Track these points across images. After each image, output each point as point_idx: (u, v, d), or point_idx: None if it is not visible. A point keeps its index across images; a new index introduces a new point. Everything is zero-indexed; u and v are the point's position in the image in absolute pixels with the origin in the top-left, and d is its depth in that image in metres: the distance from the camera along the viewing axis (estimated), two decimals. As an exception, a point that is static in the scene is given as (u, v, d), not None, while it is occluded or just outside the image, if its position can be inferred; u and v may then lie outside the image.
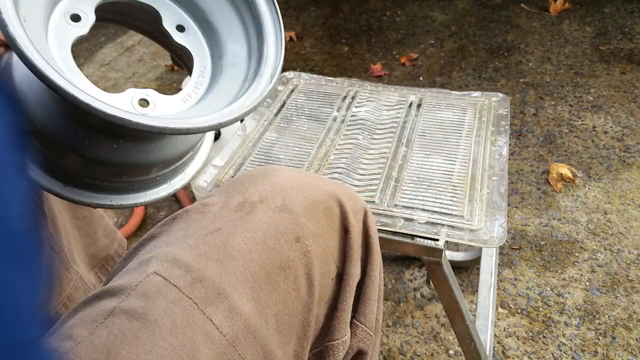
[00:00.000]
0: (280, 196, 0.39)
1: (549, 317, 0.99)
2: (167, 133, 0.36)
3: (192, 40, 0.51)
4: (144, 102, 0.45)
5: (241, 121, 1.10)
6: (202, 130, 0.38)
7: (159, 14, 0.50)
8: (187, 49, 0.51)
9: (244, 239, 0.35)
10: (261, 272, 0.35)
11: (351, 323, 0.43)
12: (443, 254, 0.62)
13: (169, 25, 0.50)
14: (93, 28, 0.47)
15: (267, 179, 0.41)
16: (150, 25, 0.53)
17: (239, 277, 0.34)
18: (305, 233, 0.38)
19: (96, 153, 0.43)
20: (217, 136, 1.11)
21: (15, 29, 0.33)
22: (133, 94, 0.44)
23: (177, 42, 0.50)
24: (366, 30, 2.22)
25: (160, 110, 0.45)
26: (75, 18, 0.45)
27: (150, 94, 0.45)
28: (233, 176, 0.75)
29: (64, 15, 0.44)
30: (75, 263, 0.74)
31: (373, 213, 0.66)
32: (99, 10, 0.47)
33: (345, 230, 0.42)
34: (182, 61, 0.55)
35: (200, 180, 0.74)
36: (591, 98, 1.61)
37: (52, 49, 0.41)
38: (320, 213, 0.40)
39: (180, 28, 0.51)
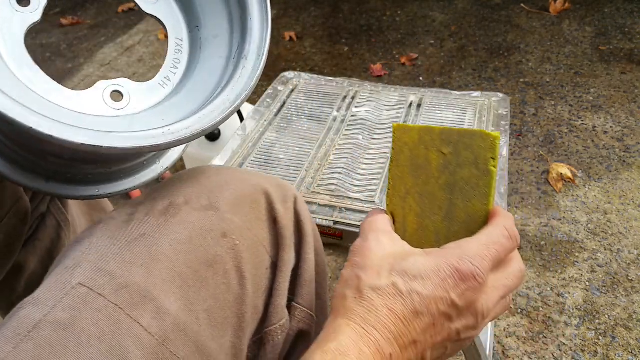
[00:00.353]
0: (205, 195, 0.39)
1: (549, 317, 0.99)
2: (140, 152, 0.33)
3: (163, 7, 0.45)
4: (118, 95, 0.40)
5: (241, 120, 1.10)
6: (184, 141, 0.35)
7: None
8: (158, 18, 0.45)
9: (169, 241, 0.35)
10: (188, 271, 0.35)
11: (290, 307, 0.44)
12: (443, 254, 0.62)
13: None
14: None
15: (192, 180, 0.41)
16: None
17: (165, 278, 0.34)
18: (231, 228, 0.38)
19: (76, 155, 0.40)
20: (216, 136, 1.11)
21: None
22: (105, 87, 0.40)
23: (146, 12, 0.45)
24: (366, 30, 2.22)
25: (137, 103, 0.41)
26: (23, 1, 0.39)
27: (124, 84, 0.41)
28: (233, 176, 0.75)
29: (9, 0, 0.38)
30: None
31: (373, 213, 0.66)
32: None
33: (274, 220, 0.42)
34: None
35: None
36: (591, 98, 1.61)
37: (3, 49, 0.36)
38: (246, 207, 0.40)
39: None
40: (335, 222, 0.67)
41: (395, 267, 0.33)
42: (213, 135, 1.10)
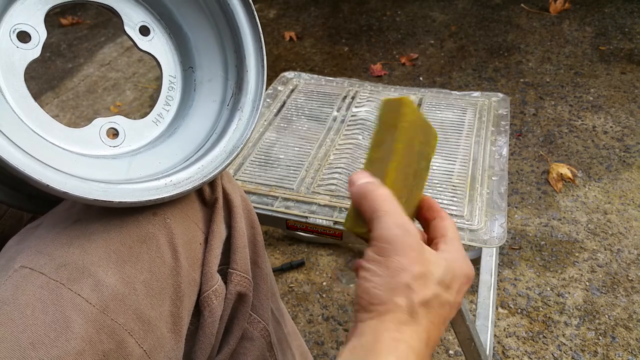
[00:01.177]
0: None
1: (549, 317, 0.99)
2: (146, 205, 0.35)
3: (158, 44, 0.46)
4: (114, 132, 0.41)
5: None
6: (187, 192, 0.37)
7: (118, 13, 0.44)
8: (152, 55, 0.46)
9: (102, 224, 0.38)
10: (122, 247, 0.38)
11: (227, 273, 0.47)
12: (443, 254, 0.62)
13: (131, 28, 0.45)
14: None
15: None
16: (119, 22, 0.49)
17: (101, 255, 0.37)
18: (162, 208, 0.41)
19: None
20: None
21: None
22: (101, 125, 0.41)
23: (141, 49, 0.46)
24: (366, 30, 2.22)
25: (131, 140, 0.42)
26: (23, 37, 0.39)
27: (119, 121, 0.42)
28: (233, 176, 0.75)
29: (9, 34, 0.38)
30: None
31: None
32: (52, 9, 0.42)
33: (202, 200, 0.45)
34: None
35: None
36: (591, 98, 1.61)
37: (3, 84, 0.37)
38: None
39: (144, 30, 0.46)
40: (335, 222, 0.67)
41: (434, 274, 0.36)
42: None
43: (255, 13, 0.46)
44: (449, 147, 0.77)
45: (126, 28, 0.45)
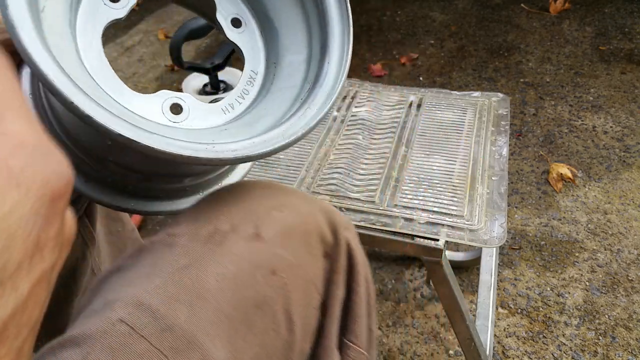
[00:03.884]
0: (252, 222, 0.36)
1: (549, 317, 0.99)
2: (181, 161, 0.32)
3: (247, 38, 0.45)
4: (177, 108, 0.39)
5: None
6: (227, 162, 0.34)
7: (213, 1, 0.43)
8: (240, 47, 0.45)
9: (215, 276, 0.33)
10: (235, 313, 0.32)
11: (342, 343, 0.41)
12: (443, 254, 0.62)
13: (223, 17, 0.44)
14: None
15: (237, 202, 0.38)
16: (206, 11, 0.47)
17: (211, 320, 0.31)
18: (282, 265, 0.35)
19: (126, 160, 0.39)
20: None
21: (26, 32, 0.27)
22: (165, 97, 0.39)
23: (229, 39, 0.44)
24: (366, 30, 2.22)
25: (195, 119, 0.40)
26: None
27: (186, 99, 0.40)
28: (233, 176, 0.75)
29: None
30: None
31: (373, 213, 0.66)
32: None
33: (325, 254, 0.39)
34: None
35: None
36: (591, 98, 1.61)
37: (79, 35, 0.36)
38: (297, 239, 0.37)
39: (236, 22, 0.45)
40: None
41: None
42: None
43: (351, 20, 0.44)
44: (448, 147, 0.77)
45: (218, 15, 0.44)
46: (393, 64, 1.94)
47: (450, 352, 0.95)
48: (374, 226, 0.64)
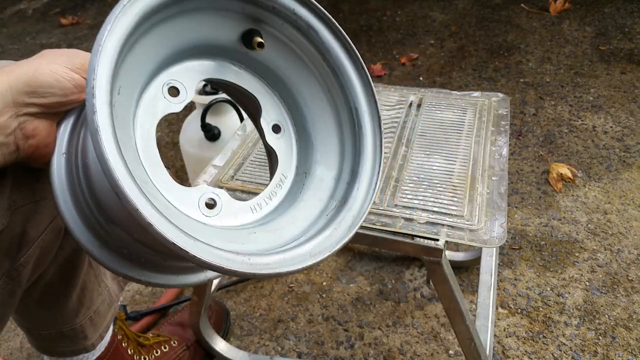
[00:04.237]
0: None
1: (549, 317, 0.99)
2: (219, 272, 0.34)
3: (283, 144, 0.49)
4: (212, 203, 0.42)
5: (241, 120, 1.10)
6: (260, 277, 0.36)
7: (260, 106, 0.48)
8: (275, 151, 0.48)
9: None
10: None
11: None
12: (443, 254, 0.62)
13: (266, 122, 0.48)
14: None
15: None
16: (251, 112, 0.51)
17: None
18: None
19: (150, 240, 0.40)
20: (216, 136, 1.11)
21: (107, 138, 0.30)
22: (203, 192, 0.42)
23: (267, 142, 0.48)
24: (366, 30, 2.22)
25: (225, 216, 0.43)
26: (173, 92, 0.42)
27: (221, 195, 0.43)
28: (233, 176, 0.75)
29: (163, 86, 0.42)
30: (105, 275, 0.75)
31: (373, 213, 0.66)
32: (204, 81, 0.45)
33: None
34: (269, 161, 0.52)
35: (200, 180, 0.74)
36: (591, 98, 1.61)
37: (137, 124, 0.39)
38: None
39: (276, 128, 0.48)
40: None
41: None
42: (213, 136, 1.10)
43: (383, 153, 0.47)
44: (448, 147, 0.77)
45: (262, 120, 0.47)
46: (393, 64, 1.94)
47: (450, 352, 0.95)
48: (374, 226, 0.64)
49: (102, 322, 0.75)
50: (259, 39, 0.43)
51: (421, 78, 1.84)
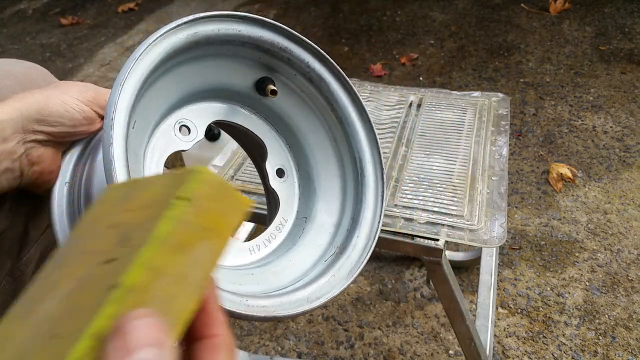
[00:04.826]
0: None
1: (549, 317, 0.99)
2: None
3: (286, 188, 0.50)
4: None
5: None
6: (256, 320, 0.37)
7: (266, 150, 0.49)
8: (277, 195, 0.49)
9: None
10: None
11: None
12: (443, 254, 0.62)
13: (271, 166, 0.49)
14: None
15: None
16: (256, 157, 0.52)
17: None
18: None
19: None
20: (216, 136, 1.11)
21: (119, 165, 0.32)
22: None
23: (270, 185, 0.49)
24: (366, 30, 2.22)
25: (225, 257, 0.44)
26: (184, 130, 0.44)
27: None
28: (233, 176, 0.75)
29: (175, 125, 0.43)
30: None
31: (373, 213, 0.66)
32: (214, 123, 0.46)
33: None
34: (268, 203, 0.53)
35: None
36: (591, 98, 1.61)
37: (147, 159, 0.41)
38: None
39: (280, 172, 0.50)
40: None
41: None
42: (213, 136, 1.10)
43: (385, 203, 0.48)
44: (448, 147, 0.77)
45: (267, 165, 0.49)
46: (393, 64, 1.94)
47: (450, 352, 0.95)
48: (374, 226, 0.64)
49: None
50: (272, 87, 0.44)
51: (421, 78, 1.84)
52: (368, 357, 0.95)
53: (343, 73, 0.47)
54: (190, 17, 0.38)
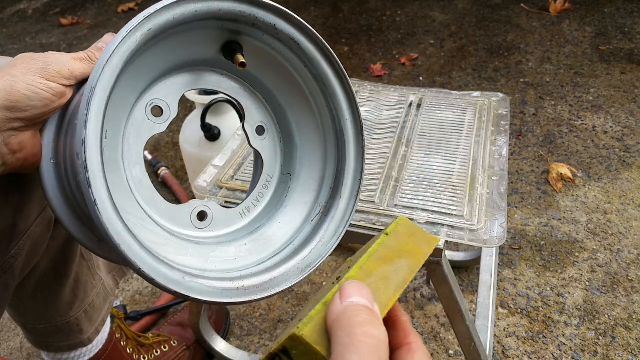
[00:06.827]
0: None
1: (549, 317, 0.99)
2: (208, 304, 0.37)
3: (267, 144, 0.50)
4: (203, 215, 0.45)
5: (241, 121, 1.10)
6: (254, 301, 0.39)
7: (243, 109, 0.49)
8: (260, 153, 0.49)
9: None
10: None
11: None
12: (443, 254, 0.62)
13: (249, 125, 0.49)
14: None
15: None
16: (242, 115, 0.52)
17: None
18: None
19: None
20: (216, 136, 1.11)
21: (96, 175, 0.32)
22: (194, 206, 0.44)
23: (252, 145, 0.49)
24: (366, 30, 2.22)
25: (217, 225, 0.45)
26: (157, 112, 0.43)
27: (211, 206, 0.45)
28: (233, 176, 0.75)
29: (146, 108, 0.42)
30: (99, 269, 0.75)
31: (373, 213, 0.66)
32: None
33: None
34: (255, 163, 0.53)
35: (200, 180, 0.74)
36: (591, 98, 1.61)
37: (125, 152, 0.41)
38: None
39: (260, 130, 0.50)
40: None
41: None
42: (213, 136, 1.10)
43: (365, 154, 0.48)
44: (448, 147, 0.77)
45: (245, 125, 0.49)
46: (393, 64, 1.94)
47: (450, 352, 0.95)
48: (374, 226, 0.64)
49: (97, 316, 0.75)
50: (242, 58, 0.43)
51: (421, 78, 1.84)
52: (368, 357, 0.95)
53: (314, 31, 0.45)
54: (141, 18, 0.37)
